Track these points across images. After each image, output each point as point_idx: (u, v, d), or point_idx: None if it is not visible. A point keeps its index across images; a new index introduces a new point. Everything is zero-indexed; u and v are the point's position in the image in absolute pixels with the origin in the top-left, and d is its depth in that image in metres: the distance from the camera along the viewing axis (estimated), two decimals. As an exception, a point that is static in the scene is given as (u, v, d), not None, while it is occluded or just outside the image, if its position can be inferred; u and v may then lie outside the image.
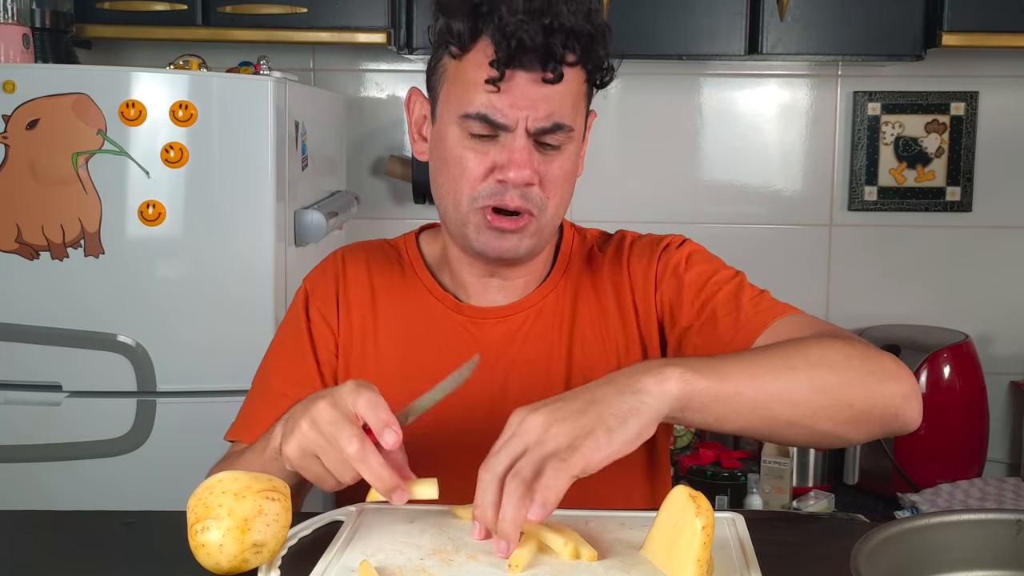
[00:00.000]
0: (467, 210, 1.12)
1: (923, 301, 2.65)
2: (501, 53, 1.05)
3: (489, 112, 1.07)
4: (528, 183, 1.09)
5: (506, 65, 1.06)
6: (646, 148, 2.66)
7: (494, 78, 1.06)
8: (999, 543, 0.83)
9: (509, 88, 1.07)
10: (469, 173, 1.10)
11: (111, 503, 1.13)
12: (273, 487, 0.88)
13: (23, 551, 0.94)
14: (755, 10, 2.30)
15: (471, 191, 1.11)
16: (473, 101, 1.08)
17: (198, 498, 0.86)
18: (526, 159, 1.08)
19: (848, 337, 1.05)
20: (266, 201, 1.92)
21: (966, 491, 2.31)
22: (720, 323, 1.13)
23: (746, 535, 0.91)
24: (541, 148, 1.10)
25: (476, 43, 1.08)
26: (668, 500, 0.85)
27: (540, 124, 1.08)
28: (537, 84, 1.07)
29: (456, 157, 1.11)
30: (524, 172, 1.08)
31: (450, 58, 1.11)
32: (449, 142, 1.12)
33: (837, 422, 0.96)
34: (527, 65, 1.06)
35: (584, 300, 1.21)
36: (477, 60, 1.08)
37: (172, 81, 1.89)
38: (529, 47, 1.04)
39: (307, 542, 0.92)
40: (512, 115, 1.07)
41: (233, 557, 0.85)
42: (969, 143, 2.61)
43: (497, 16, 1.05)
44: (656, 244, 1.23)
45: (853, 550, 0.75)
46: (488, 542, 0.89)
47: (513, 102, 1.07)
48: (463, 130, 1.10)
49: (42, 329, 1.91)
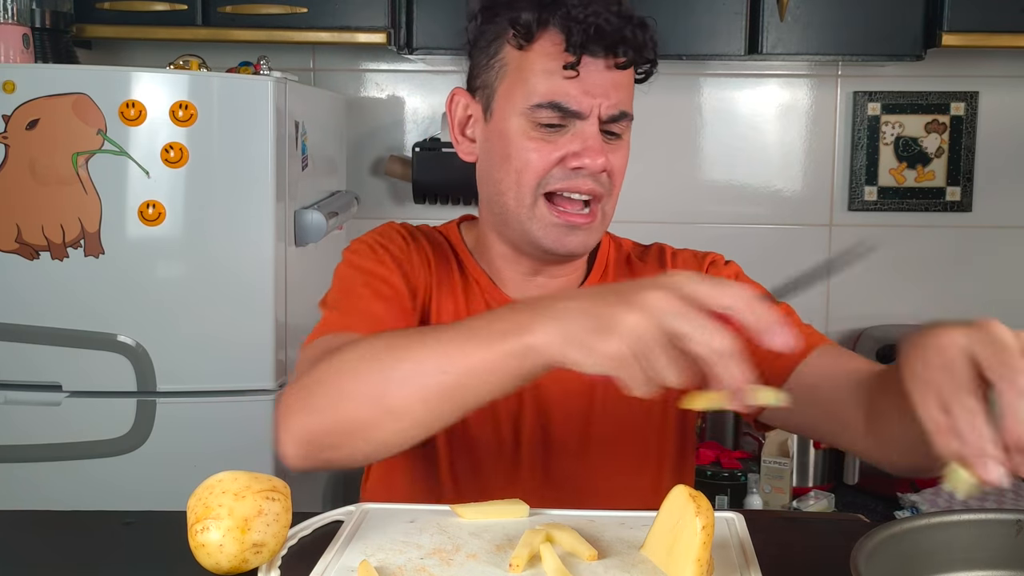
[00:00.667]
0: (531, 202, 1.10)
1: (923, 301, 2.65)
2: (576, 38, 1.06)
3: (563, 100, 1.08)
4: (603, 169, 1.09)
5: (581, 50, 1.07)
6: (646, 148, 2.65)
7: (571, 63, 1.07)
8: (999, 543, 0.83)
9: (583, 75, 1.08)
10: (536, 164, 1.09)
11: (111, 503, 1.13)
12: (273, 487, 0.88)
13: (23, 551, 0.94)
14: (755, 10, 2.30)
15: (537, 179, 1.10)
16: (543, 90, 1.08)
17: (198, 498, 0.86)
18: (600, 146, 1.09)
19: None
20: (266, 201, 1.92)
21: (966, 491, 2.30)
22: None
23: (746, 535, 0.91)
24: (606, 137, 1.11)
25: (542, 33, 1.09)
26: (668, 500, 0.85)
27: (611, 112, 1.09)
28: (608, 71, 1.08)
29: (521, 149, 1.10)
30: (599, 159, 1.08)
31: (513, 50, 1.11)
32: (512, 135, 1.11)
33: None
34: (599, 51, 1.07)
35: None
36: (544, 49, 1.08)
37: (172, 81, 1.89)
38: (607, 31, 1.06)
39: (307, 542, 0.92)
40: (587, 102, 1.08)
41: (233, 557, 0.84)
42: (969, 143, 2.61)
43: (566, 5, 1.07)
44: (701, 259, 1.24)
45: (853, 550, 0.75)
46: (487, 542, 0.89)
47: (587, 89, 1.08)
48: (529, 121, 1.09)
49: (42, 329, 1.91)
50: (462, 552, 0.88)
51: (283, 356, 1.97)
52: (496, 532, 0.92)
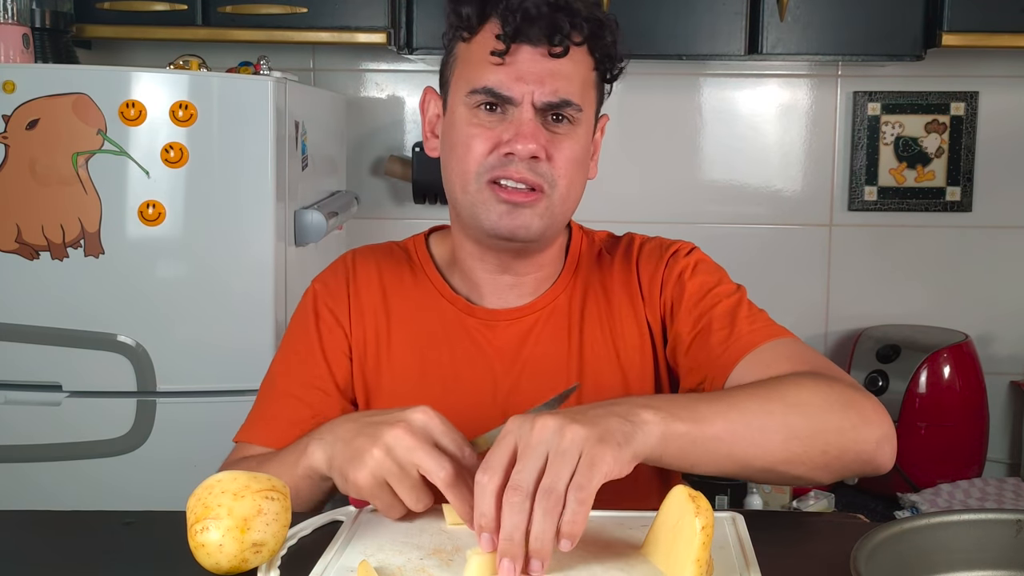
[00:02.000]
0: (475, 188, 1.11)
1: (923, 301, 2.65)
2: (508, 27, 1.08)
3: (495, 86, 1.09)
4: (534, 155, 1.09)
5: (512, 39, 1.08)
6: (646, 148, 2.66)
7: (500, 51, 1.08)
8: (999, 543, 0.83)
9: (515, 62, 1.09)
10: (475, 149, 1.10)
11: (111, 503, 1.13)
12: (272, 487, 0.88)
13: (23, 551, 0.94)
14: (755, 10, 2.30)
15: (477, 166, 1.11)
16: (480, 77, 1.09)
17: (197, 498, 0.86)
18: (531, 132, 1.09)
19: (830, 375, 1.02)
20: (266, 201, 1.92)
21: (966, 491, 2.31)
22: (713, 336, 1.13)
23: (746, 535, 0.91)
24: (549, 127, 1.11)
25: (485, 24, 1.11)
26: (667, 500, 0.85)
27: (547, 98, 1.09)
28: (544, 58, 1.09)
29: (464, 136, 1.12)
30: (530, 145, 1.08)
31: (462, 43, 1.13)
32: (458, 124, 1.12)
33: (810, 467, 0.95)
34: (533, 39, 1.08)
35: (593, 301, 1.21)
36: (485, 39, 1.10)
37: (172, 81, 1.89)
38: (535, 17, 1.07)
39: (307, 542, 0.92)
40: (518, 89, 1.08)
41: (233, 557, 0.84)
42: (969, 143, 2.61)
43: None
44: (665, 249, 1.23)
45: (853, 550, 0.75)
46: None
47: (520, 76, 1.08)
48: (471, 109, 1.11)
49: (42, 329, 1.91)
50: (462, 552, 0.88)
51: (283, 356, 1.97)
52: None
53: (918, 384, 2.38)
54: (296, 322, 1.25)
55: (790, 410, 0.94)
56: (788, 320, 2.97)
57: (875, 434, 0.98)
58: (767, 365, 1.06)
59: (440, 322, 1.20)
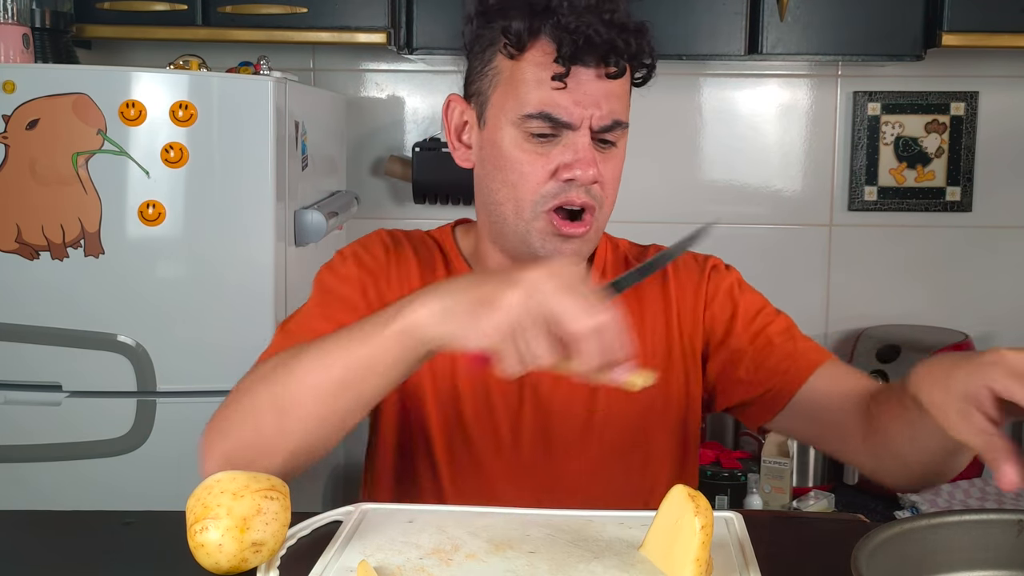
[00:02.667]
0: (531, 215, 1.09)
1: (923, 301, 2.65)
2: (566, 49, 1.04)
3: (552, 110, 1.06)
4: (595, 180, 1.08)
5: (571, 61, 1.05)
6: (646, 148, 2.65)
7: (560, 74, 1.05)
8: (1000, 543, 0.83)
9: (573, 86, 1.06)
10: (531, 177, 1.08)
11: (111, 503, 1.13)
12: (272, 486, 0.88)
13: (23, 551, 0.94)
14: (755, 10, 2.30)
15: (534, 194, 1.09)
16: (533, 100, 1.07)
17: (197, 498, 0.86)
18: (592, 157, 1.08)
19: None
20: (266, 201, 1.92)
21: (966, 491, 2.31)
22: (775, 351, 1.17)
23: (745, 535, 0.91)
24: (598, 146, 1.10)
25: (534, 43, 1.07)
26: (667, 499, 0.85)
27: (603, 122, 1.08)
28: (600, 80, 1.07)
29: (514, 160, 1.09)
30: (591, 171, 1.07)
31: (505, 59, 1.10)
32: (505, 146, 1.09)
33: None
34: (590, 61, 1.06)
35: (621, 307, 1.20)
36: (536, 59, 1.07)
37: (172, 81, 1.89)
38: (597, 42, 1.05)
39: (306, 542, 0.92)
40: (577, 113, 1.06)
41: (232, 556, 0.84)
42: (969, 143, 2.61)
43: (557, 14, 1.05)
44: (702, 262, 1.25)
45: (853, 550, 0.75)
46: (486, 542, 0.89)
47: (578, 100, 1.06)
48: (521, 132, 1.08)
49: (42, 329, 1.91)
50: (461, 552, 0.88)
51: (283, 356, 1.97)
52: (495, 532, 0.92)
53: (918, 384, 2.38)
54: (328, 272, 1.19)
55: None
56: (788, 320, 2.92)
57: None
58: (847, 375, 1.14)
59: None
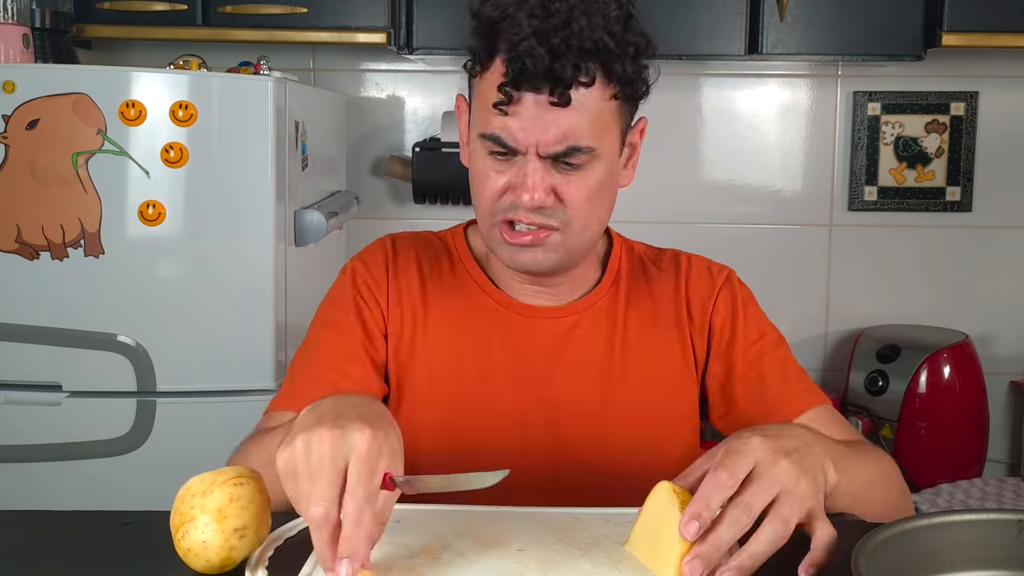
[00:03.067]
0: (489, 224, 1.11)
1: (923, 301, 2.65)
2: (508, 76, 1.02)
3: (502, 135, 1.06)
4: (539, 206, 1.07)
5: (514, 88, 1.03)
6: (646, 148, 2.65)
7: (501, 102, 1.04)
8: (1000, 543, 0.83)
9: (519, 111, 1.04)
10: (488, 189, 1.09)
11: (111, 503, 1.12)
12: (239, 474, 0.88)
13: (23, 551, 0.94)
14: (755, 10, 2.30)
15: (490, 205, 1.10)
16: (489, 122, 1.06)
17: (174, 512, 0.87)
18: (536, 182, 1.06)
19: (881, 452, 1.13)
20: (266, 201, 1.92)
21: (966, 491, 2.31)
22: (767, 389, 1.16)
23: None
24: (560, 168, 1.07)
25: (494, 62, 1.06)
26: (652, 495, 0.85)
27: (552, 148, 1.05)
28: (547, 107, 1.04)
29: (479, 172, 1.10)
30: (535, 195, 1.06)
31: (476, 76, 1.10)
32: (475, 157, 1.11)
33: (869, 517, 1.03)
34: (535, 88, 1.02)
35: (636, 309, 1.20)
36: (493, 80, 1.06)
37: (172, 81, 1.89)
38: (531, 72, 1.01)
39: (293, 543, 0.91)
40: (523, 139, 1.05)
41: (220, 548, 0.85)
42: (969, 143, 2.61)
43: (510, 35, 1.02)
44: (716, 272, 1.24)
45: (854, 550, 0.75)
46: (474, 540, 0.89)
47: (523, 125, 1.04)
48: (484, 148, 1.09)
49: (42, 329, 1.91)
50: (450, 551, 0.88)
51: (283, 356, 1.97)
52: (482, 530, 0.92)
53: (918, 384, 2.38)
54: (333, 298, 1.22)
55: (890, 485, 1.07)
56: (788, 320, 2.96)
57: (908, 506, 1.10)
58: (825, 428, 1.09)
59: (478, 314, 1.19)
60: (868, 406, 2.44)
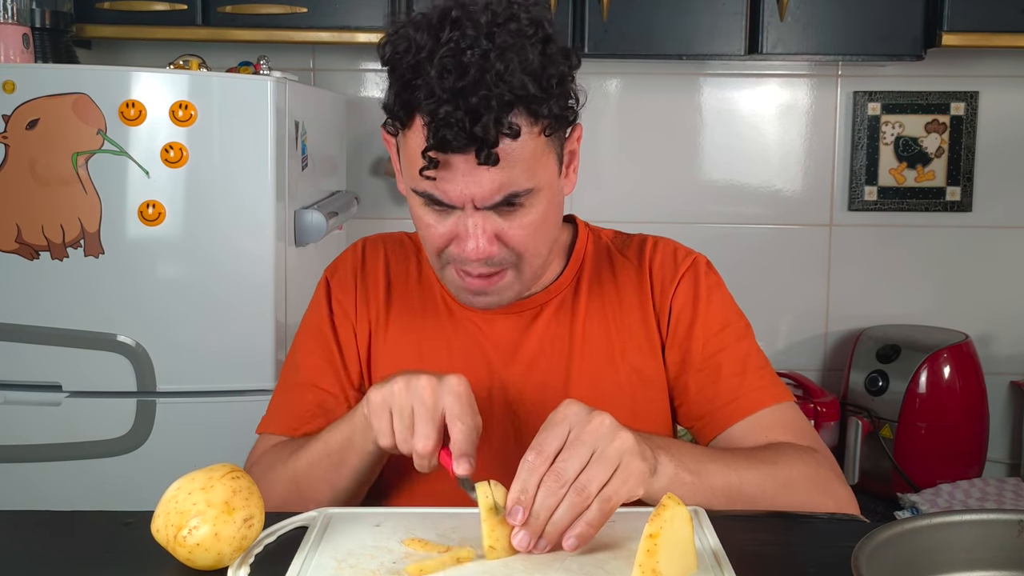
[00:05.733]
0: (439, 266, 1.12)
1: (923, 301, 2.65)
2: (431, 142, 0.98)
3: (435, 193, 1.03)
4: (485, 256, 1.05)
5: (438, 150, 0.98)
6: (646, 148, 2.66)
7: (428, 167, 1.00)
8: (1000, 543, 0.83)
9: (448, 174, 1.00)
10: (431, 238, 1.08)
11: (111, 503, 1.13)
12: (232, 468, 0.89)
13: (23, 551, 0.94)
14: (755, 10, 2.30)
15: (436, 253, 1.09)
16: (419, 182, 1.03)
17: (165, 515, 0.86)
18: (479, 233, 1.04)
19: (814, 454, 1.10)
20: (266, 201, 1.92)
21: (966, 491, 2.31)
22: (722, 383, 1.15)
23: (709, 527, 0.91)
24: (501, 212, 1.05)
25: (413, 121, 1.01)
26: (480, 501, 0.88)
27: (488, 202, 1.02)
28: (476, 167, 0.99)
29: (419, 218, 1.09)
30: (479, 244, 1.04)
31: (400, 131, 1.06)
32: (413, 202, 1.09)
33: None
34: (459, 149, 0.98)
35: (599, 299, 1.20)
36: (417, 140, 1.01)
37: (172, 81, 1.89)
38: (452, 140, 0.97)
39: (272, 548, 0.91)
40: (456, 196, 1.02)
41: (231, 539, 0.85)
42: (969, 143, 2.61)
43: (426, 99, 0.97)
44: (682, 258, 1.22)
45: (854, 550, 0.75)
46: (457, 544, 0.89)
47: (455, 185, 1.01)
48: (419, 199, 1.06)
49: (42, 329, 1.91)
50: (432, 554, 0.88)
51: (283, 356, 1.97)
52: (465, 532, 0.92)
53: (918, 384, 2.38)
54: (312, 313, 1.25)
55: (780, 490, 1.03)
56: (788, 320, 2.97)
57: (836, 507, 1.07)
58: (766, 431, 1.12)
59: (439, 314, 1.20)
60: (868, 406, 2.44)
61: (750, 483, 1.02)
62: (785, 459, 1.06)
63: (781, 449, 1.09)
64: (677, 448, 0.98)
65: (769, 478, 1.03)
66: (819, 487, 1.06)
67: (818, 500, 1.05)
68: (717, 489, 0.99)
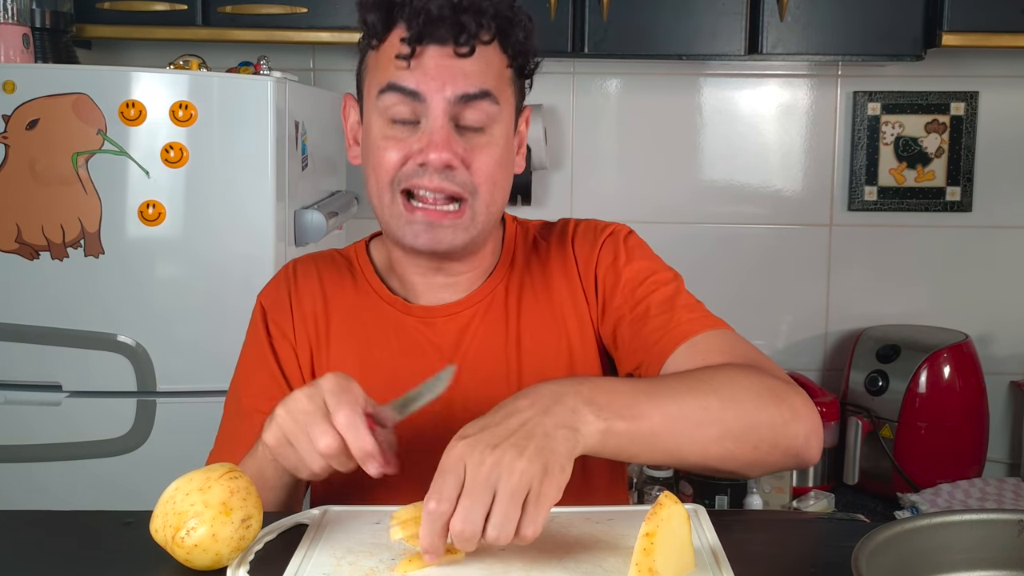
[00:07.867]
0: (389, 200, 1.12)
1: (923, 301, 2.65)
2: (412, 30, 1.06)
3: (400, 80, 1.07)
4: (448, 165, 1.07)
5: (417, 40, 1.06)
6: (646, 148, 2.66)
7: (404, 53, 1.06)
8: (1000, 543, 0.83)
9: (421, 63, 1.07)
10: (387, 161, 1.09)
11: (111, 503, 1.13)
12: (229, 469, 0.89)
13: (23, 551, 0.94)
14: (755, 10, 2.30)
15: (390, 176, 1.10)
16: (387, 77, 1.08)
17: (163, 516, 0.86)
18: (443, 140, 1.07)
19: (760, 368, 1.03)
20: (266, 201, 1.92)
21: (966, 491, 2.31)
22: (650, 323, 1.13)
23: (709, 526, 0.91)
24: (464, 132, 1.09)
25: (392, 30, 1.09)
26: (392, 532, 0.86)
27: (461, 89, 1.07)
28: (451, 58, 1.07)
29: (377, 147, 1.11)
30: (443, 154, 1.07)
31: (372, 52, 1.13)
32: (373, 134, 1.12)
33: (742, 463, 0.96)
34: (439, 39, 1.06)
35: (531, 289, 1.22)
36: (392, 43, 1.09)
37: (172, 81, 1.89)
38: (436, 18, 1.05)
39: (272, 546, 0.91)
40: (425, 84, 1.07)
41: (230, 539, 0.85)
42: (969, 143, 2.61)
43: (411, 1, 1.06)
44: (600, 230, 1.24)
45: (854, 550, 0.75)
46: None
47: (427, 72, 1.07)
48: (384, 118, 1.10)
49: (42, 329, 1.91)
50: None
51: (283, 356, 1.97)
52: None
53: (918, 384, 2.38)
54: (250, 340, 1.27)
55: (725, 405, 0.95)
56: (788, 320, 2.97)
57: (804, 429, 0.98)
58: (702, 354, 1.07)
59: (379, 323, 1.21)
60: (868, 406, 2.44)
61: (692, 405, 0.94)
62: (724, 375, 0.99)
63: (719, 368, 1.02)
64: (607, 394, 0.91)
65: (711, 394, 0.95)
66: (770, 396, 0.97)
67: (772, 411, 0.96)
68: (657, 425, 0.91)
